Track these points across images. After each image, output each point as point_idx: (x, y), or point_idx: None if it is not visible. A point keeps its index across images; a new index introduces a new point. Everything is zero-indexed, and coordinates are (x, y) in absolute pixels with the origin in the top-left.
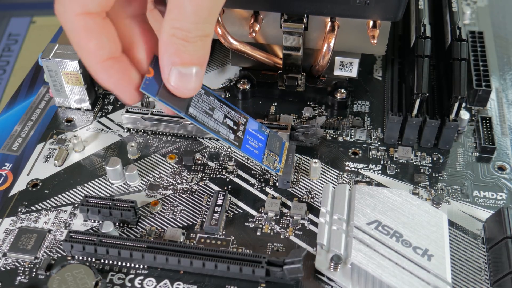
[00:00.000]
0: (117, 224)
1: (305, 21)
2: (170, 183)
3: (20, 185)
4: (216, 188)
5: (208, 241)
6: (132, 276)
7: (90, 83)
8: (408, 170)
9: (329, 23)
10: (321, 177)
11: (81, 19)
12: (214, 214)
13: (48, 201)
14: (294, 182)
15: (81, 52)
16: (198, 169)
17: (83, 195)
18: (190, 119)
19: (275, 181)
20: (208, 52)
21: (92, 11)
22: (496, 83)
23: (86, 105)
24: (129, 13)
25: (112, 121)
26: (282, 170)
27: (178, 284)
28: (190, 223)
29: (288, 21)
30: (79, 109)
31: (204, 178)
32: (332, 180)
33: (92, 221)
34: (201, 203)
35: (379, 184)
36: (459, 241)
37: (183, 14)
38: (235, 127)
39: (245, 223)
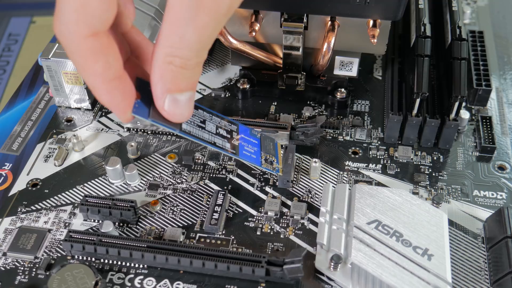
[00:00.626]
0: (117, 223)
1: (305, 20)
2: (170, 183)
3: (20, 184)
4: (216, 187)
5: (208, 240)
6: (132, 275)
7: None
8: (408, 170)
9: (329, 22)
10: (321, 176)
11: (89, 41)
12: (214, 214)
13: (48, 200)
14: (294, 182)
15: (86, 74)
16: (198, 168)
17: (83, 194)
18: (185, 136)
19: (275, 180)
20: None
21: (100, 30)
22: (496, 82)
23: (86, 104)
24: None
25: (112, 120)
26: (281, 170)
27: (178, 284)
28: (190, 223)
29: (288, 20)
30: (79, 108)
31: (204, 178)
32: (332, 179)
33: (92, 220)
34: (201, 202)
35: (379, 184)
36: (459, 240)
37: (184, 43)
38: (228, 136)
39: (245, 223)
